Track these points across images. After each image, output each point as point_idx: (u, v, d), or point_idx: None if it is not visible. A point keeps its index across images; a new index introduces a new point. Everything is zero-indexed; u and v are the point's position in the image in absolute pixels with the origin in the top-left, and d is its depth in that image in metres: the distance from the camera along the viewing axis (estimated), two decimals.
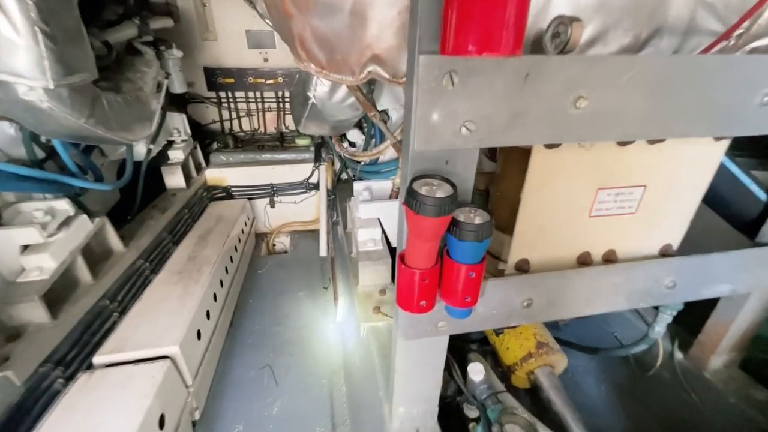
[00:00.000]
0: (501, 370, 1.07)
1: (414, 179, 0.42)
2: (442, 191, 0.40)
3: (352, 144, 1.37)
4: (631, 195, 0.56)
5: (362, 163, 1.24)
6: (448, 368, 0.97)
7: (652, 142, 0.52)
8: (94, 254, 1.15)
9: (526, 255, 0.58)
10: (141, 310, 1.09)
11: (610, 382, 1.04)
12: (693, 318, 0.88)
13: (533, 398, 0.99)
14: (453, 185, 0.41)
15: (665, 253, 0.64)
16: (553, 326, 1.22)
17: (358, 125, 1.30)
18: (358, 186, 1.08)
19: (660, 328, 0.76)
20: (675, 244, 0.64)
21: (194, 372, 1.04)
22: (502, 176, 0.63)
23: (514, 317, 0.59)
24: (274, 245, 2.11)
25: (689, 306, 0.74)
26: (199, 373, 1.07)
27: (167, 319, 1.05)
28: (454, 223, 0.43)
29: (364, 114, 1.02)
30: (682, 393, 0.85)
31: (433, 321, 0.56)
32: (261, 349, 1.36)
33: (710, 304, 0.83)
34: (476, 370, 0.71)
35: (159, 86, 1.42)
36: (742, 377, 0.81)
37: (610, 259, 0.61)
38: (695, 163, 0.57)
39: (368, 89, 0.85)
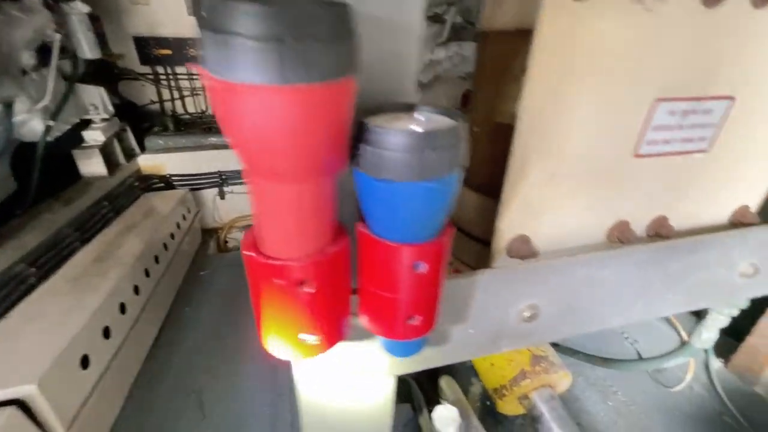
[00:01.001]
0: (474, 378, 0.82)
1: None
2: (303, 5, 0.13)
3: None
4: (709, 115, 0.31)
5: None
6: (409, 399, 0.71)
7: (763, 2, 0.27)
8: None
9: (525, 230, 0.32)
10: (1, 333, 0.78)
11: (620, 398, 0.81)
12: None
13: (525, 424, 0.75)
14: None
15: (740, 221, 0.39)
16: None
17: None
18: None
19: (710, 335, 0.51)
20: (754, 205, 0.39)
21: (71, 415, 0.74)
22: (481, 93, 0.36)
23: (506, 339, 0.33)
24: (226, 242, 1.80)
25: None
26: (82, 415, 0.77)
27: (33, 344, 0.74)
28: (363, 137, 0.16)
29: None
30: (724, 416, 0.62)
31: (361, 356, 0.29)
32: (191, 370, 1.06)
33: None
34: (446, 419, 0.44)
35: (49, 45, 1.09)
36: None
37: (660, 232, 0.36)
38: None
39: None
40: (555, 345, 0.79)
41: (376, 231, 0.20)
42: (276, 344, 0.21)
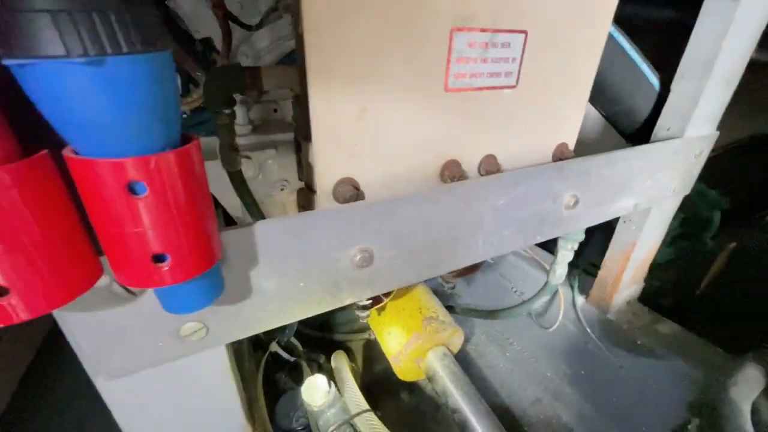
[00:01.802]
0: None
1: None
2: None
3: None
4: (509, 49, 0.32)
5: (185, 115, 0.86)
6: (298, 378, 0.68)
7: None
8: None
9: (348, 173, 0.30)
10: None
11: (515, 347, 0.87)
12: (586, 252, 0.74)
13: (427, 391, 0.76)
14: None
15: (559, 158, 0.42)
16: (439, 293, 1.01)
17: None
18: None
19: (562, 270, 0.56)
20: (571, 143, 0.43)
21: None
22: (300, 44, 0.34)
23: (346, 289, 0.31)
24: None
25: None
26: None
27: None
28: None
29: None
30: (588, 343, 0.70)
31: (159, 326, 0.24)
32: (73, 395, 0.91)
33: (595, 233, 0.69)
34: (315, 389, 0.42)
35: None
36: (644, 313, 0.67)
37: (490, 171, 0.37)
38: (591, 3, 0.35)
39: None
40: (450, 308, 0.82)
41: (75, 147, 0.16)
42: None
